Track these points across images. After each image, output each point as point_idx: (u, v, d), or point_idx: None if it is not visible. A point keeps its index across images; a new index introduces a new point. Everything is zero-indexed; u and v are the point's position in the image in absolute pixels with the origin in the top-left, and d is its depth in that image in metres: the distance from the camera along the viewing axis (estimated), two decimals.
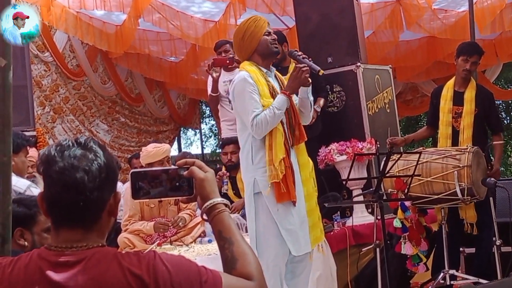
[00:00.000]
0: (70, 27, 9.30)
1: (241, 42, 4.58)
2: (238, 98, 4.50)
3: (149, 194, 2.07)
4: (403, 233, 5.75)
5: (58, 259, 1.86)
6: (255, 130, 4.38)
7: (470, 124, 6.14)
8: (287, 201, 4.37)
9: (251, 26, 4.54)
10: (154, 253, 1.91)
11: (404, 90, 13.75)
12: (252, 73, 4.45)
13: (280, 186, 4.35)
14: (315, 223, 4.58)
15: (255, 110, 4.37)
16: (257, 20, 4.58)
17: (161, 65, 11.60)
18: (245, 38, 4.54)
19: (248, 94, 4.41)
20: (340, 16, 7.43)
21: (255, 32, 4.52)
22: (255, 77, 4.44)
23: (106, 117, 11.15)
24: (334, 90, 7.25)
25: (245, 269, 1.98)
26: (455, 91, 6.30)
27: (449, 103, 6.26)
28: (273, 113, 4.36)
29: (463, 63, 6.23)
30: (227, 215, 2.05)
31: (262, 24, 4.54)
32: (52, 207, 1.91)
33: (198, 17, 10.08)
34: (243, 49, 4.59)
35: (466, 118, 6.16)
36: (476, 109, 6.19)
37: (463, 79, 6.27)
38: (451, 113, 6.24)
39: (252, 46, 4.53)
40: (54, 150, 1.92)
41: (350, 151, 6.41)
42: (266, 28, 4.55)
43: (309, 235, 4.52)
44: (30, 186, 4.36)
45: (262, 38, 4.52)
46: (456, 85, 6.32)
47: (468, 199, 5.68)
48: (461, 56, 6.25)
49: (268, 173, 4.37)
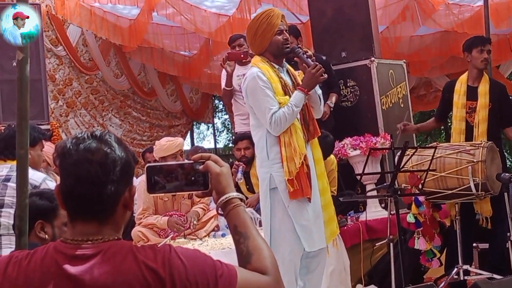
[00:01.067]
0: (84, 21, 9.34)
1: (253, 39, 4.57)
2: (251, 95, 4.47)
3: (164, 188, 2.07)
4: (416, 228, 5.73)
5: (74, 252, 1.86)
6: (273, 127, 4.35)
7: (484, 118, 6.11)
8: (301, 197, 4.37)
9: (263, 23, 4.48)
10: (169, 246, 1.91)
11: (417, 85, 13.69)
12: (264, 70, 4.43)
13: (293, 183, 4.34)
14: (331, 217, 4.57)
15: (272, 107, 4.34)
16: (270, 16, 4.49)
17: (174, 59, 11.59)
18: (257, 36, 4.51)
19: (262, 91, 4.38)
20: (354, 10, 7.41)
21: (267, 30, 4.47)
22: (268, 74, 4.41)
23: (119, 111, 11.18)
24: (348, 85, 7.23)
25: (260, 264, 1.97)
26: (469, 86, 6.26)
27: (463, 98, 6.23)
28: (291, 110, 4.34)
29: (479, 54, 6.20)
30: (242, 209, 2.04)
31: (274, 21, 4.46)
32: (67, 199, 1.92)
33: (212, 11, 10.07)
34: (255, 45, 4.58)
35: (481, 112, 6.13)
36: (490, 103, 6.15)
37: (479, 71, 6.24)
38: (465, 108, 6.22)
39: (264, 44, 4.51)
40: (69, 143, 1.92)
41: (364, 146, 6.40)
42: (278, 26, 4.47)
43: (325, 230, 4.52)
44: (46, 179, 4.38)
45: (273, 38, 4.48)
46: (470, 79, 6.28)
47: (483, 194, 5.66)
48: (475, 49, 6.21)
49: (284, 169, 4.36)
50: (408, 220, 5.73)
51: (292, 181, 4.33)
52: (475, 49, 6.22)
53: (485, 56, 6.21)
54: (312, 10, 7.76)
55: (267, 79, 4.39)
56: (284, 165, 4.35)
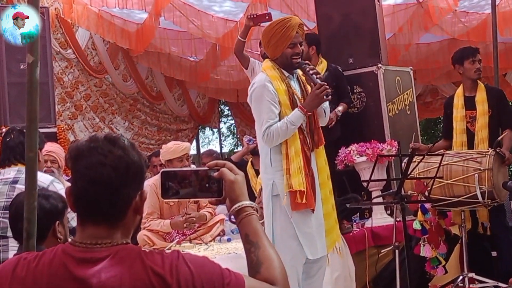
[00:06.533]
0: (92, 25, 9.36)
1: (266, 46, 4.57)
2: (255, 103, 4.48)
3: (178, 194, 2.07)
4: (422, 235, 5.72)
5: (83, 255, 1.87)
6: (265, 140, 4.37)
7: (485, 125, 6.15)
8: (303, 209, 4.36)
9: (277, 33, 4.46)
10: (177, 253, 1.91)
11: (424, 92, 13.72)
12: (273, 79, 4.43)
13: (296, 195, 4.33)
14: (332, 226, 4.57)
15: (269, 120, 4.35)
16: (286, 27, 4.45)
17: (181, 64, 11.61)
18: (270, 44, 4.50)
19: (266, 102, 4.39)
20: (362, 17, 7.41)
21: (280, 42, 4.45)
22: (276, 84, 4.41)
23: (127, 114, 11.20)
24: (355, 91, 7.23)
25: (269, 274, 1.97)
26: (466, 96, 6.32)
27: (462, 111, 6.28)
28: (286, 127, 4.34)
29: (471, 65, 6.25)
30: (255, 218, 2.04)
31: (289, 33, 4.43)
32: (78, 201, 1.92)
33: (219, 17, 10.09)
34: (268, 52, 4.59)
35: (480, 119, 6.17)
36: (490, 110, 6.20)
37: (473, 82, 6.29)
38: (465, 120, 6.25)
39: (276, 54, 4.51)
40: (83, 145, 1.92)
41: (370, 152, 6.40)
42: (292, 39, 4.44)
43: (326, 238, 4.51)
44: (54, 181, 4.38)
45: (285, 51, 4.47)
46: (466, 91, 6.34)
47: (489, 202, 5.66)
48: (466, 60, 6.26)
49: (284, 181, 4.36)
50: (414, 227, 5.72)
51: (295, 193, 4.32)
52: (467, 61, 6.26)
53: (478, 66, 6.26)
54: (320, 17, 7.76)
55: (275, 90, 4.39)
56: (285, 177, 4.35)
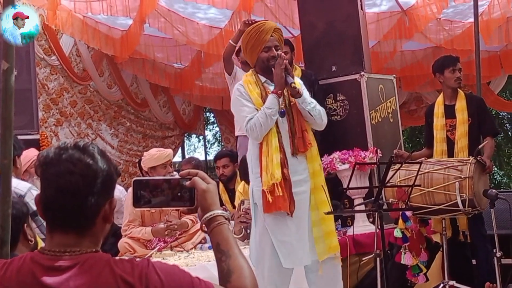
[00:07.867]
0: (76, 31, 9.32)
1: (245, 54, 4.73)
2: (234, 107, 4.62)
3: (150, 203, 2.08)
4: (403, 243, 5.74)
5: (51, 263, 1.86)
6: (250, 133, 4.42)
7: (464, 134, 6.18)
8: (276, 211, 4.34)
9: (252, 38, 4.54)
10: (147, 261, 1.91)
11: (408, 100, 13.75)
12: (246, 83, 4.51)
13: (266, 196, 4.32)
14: (328, 232, 4.55)
15: (248, 115, 4.42)
16: (260, 30, 4.53)
17: (166, 71, 11.60)
18: (247, 51, 4.60)
19: (239, 102, 4.49)
20: (345, 24, 7.42)
21: (254, 47, 4.53)
22: (248, 87, 4.49)
23: (112, 121, 11.16)
24: (338, 99, 7.23)
25: (239, 283, 1.97)
26: (446, 105, 6.35)
27: (442, 120, 6.31)
28: (264, 113, 4.38)
29: (451, 74, 6.29)
30: (226, 227, 2.04)
31: (263, 37, 4.50)
32: (47, 210, 1.92)
33: (204, 24, 10.09)
34: (247, 59, 4.73)
35: (460, 128, 6.20)
36: (470, 119, 6.23)
37: (453, 90, 6.32)
38: (445, 128, 6.28)
39: (253, 60, 4.60)
40: (52, 153, 1.92)
41: (353, 160, 6.41)
42: (266, 43, 4.50)
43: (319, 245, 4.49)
44: (31, 188, 4.37)
45: (260, 55, 4.52)
46: (446, 99, 6.37)
47: (470, 210, 5.67)
48: (447, 69, 6.30)
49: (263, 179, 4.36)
50: (395, 235, 5.74)
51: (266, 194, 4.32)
52: (447, 70, 6.30)
53: (458, 75, 6.30)
54: (303, 24, 7.77)
55: (246, 91, 4.47)
56: (263, 174, 4.36)
